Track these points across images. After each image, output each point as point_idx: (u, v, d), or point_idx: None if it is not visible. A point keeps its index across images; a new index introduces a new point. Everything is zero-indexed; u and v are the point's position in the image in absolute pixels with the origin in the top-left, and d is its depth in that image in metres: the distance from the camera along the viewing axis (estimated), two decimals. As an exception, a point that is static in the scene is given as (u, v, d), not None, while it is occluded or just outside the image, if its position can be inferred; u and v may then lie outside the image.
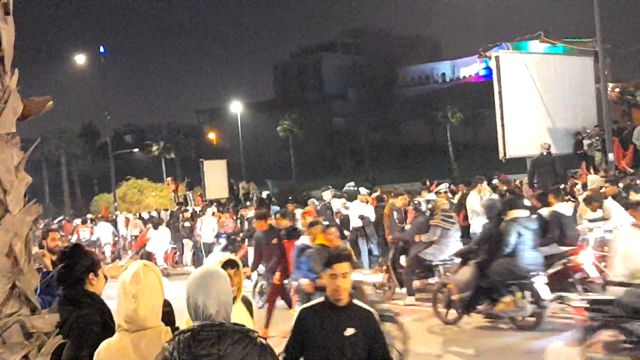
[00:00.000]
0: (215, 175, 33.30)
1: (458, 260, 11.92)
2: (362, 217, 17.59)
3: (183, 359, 3.25)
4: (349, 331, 4.72)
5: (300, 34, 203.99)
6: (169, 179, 40.64)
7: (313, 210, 15.84)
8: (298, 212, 17.17)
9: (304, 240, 10.69)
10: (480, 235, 11.69)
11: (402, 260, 13.64)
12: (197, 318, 3.43)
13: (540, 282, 10.21)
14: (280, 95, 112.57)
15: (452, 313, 11.35)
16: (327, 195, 19.79)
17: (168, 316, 4.23)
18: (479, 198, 13.87)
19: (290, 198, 26.68)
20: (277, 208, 21.59)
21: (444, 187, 16.13)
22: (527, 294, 10.27)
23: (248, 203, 27.76)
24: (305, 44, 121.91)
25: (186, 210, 29.83)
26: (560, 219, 11.69)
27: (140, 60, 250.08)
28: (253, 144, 75.61)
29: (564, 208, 12.06)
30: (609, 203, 12.56)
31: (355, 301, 4.93)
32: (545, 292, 10.11)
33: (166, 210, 32.02)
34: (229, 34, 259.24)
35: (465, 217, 14.15)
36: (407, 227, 14.29)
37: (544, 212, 12.09)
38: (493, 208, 11.37)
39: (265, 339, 3.42)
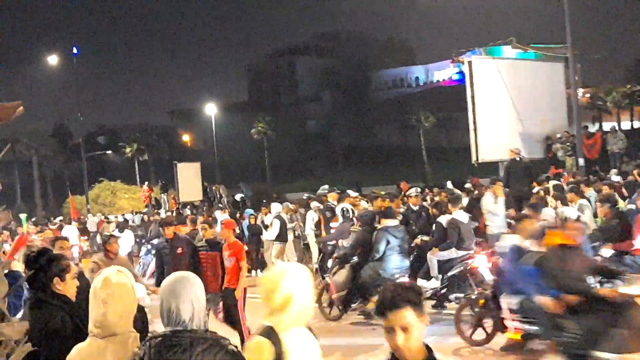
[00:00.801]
0: (189, 178, 33.09)
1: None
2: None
3: None
4: None
5: (275, 36, 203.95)
6: (145, 186, 40.43)
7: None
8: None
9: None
10: (354, 241, 12.50)
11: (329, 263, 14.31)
12: (169, 324, 3.41)
13: None
14: (254, 97, 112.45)
15: (335, 310, 12.39)
16: (332, 196, 18.82)
17: (141, 322, 4.23)
18: (494, 199, 13.76)
19: (264, 201, 26.65)
20: (250, 211, 21.54)
21: (414, 191, 16.10)
22: None
23: (220, 205, 27.66)
24: (280, 46, 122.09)
25: (158, 213, 29.69)
26: (458, 226, 12.41)
27: (114, 61, 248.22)
28: (227, 146, 75.31)
29: (462, 215, 12.78)
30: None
31: None
32: None
33: (137, 212, 31.85)
34: (203, 35, 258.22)
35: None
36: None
37: (443, 219, 12.87)
38: (365, 217, 12.53)
39: (236, 346, 3.39)
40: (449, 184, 22.42)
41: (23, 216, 23.17)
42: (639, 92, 64.41)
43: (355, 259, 12.11)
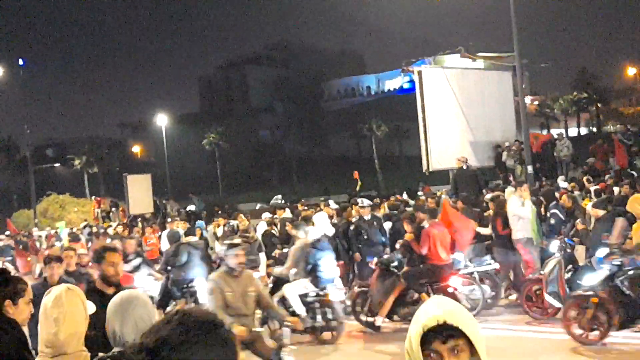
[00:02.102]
0: (140, 190, 32.67)
1: None
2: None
3: None
4: None
5: (226, 47, 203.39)
6: (94, 200, 39.84)
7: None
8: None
9: None
10: (165, 257, 13.72)
11: None
12: (115, 344, 3.36)
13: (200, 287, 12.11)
14: (206, 108, 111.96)
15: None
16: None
17: (96, 340, 4.10)
18: (520, 202, 13.37)
19: (219, 212, 26.41)
20: (202, 223, 21.27)
21: (366, 202, 16.02)
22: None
23: (169, 219, 27.32)
24: (231, 57, 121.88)
25: (110, 226, 29.21)
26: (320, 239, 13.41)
27: (62, 73, 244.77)
28: (179, 157, 74.70)
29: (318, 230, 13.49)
30: None
31: None
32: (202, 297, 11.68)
33: (85, 226, 31.29)
34: (154, 46, 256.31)
35: (504, 225, 13.27)
36: None
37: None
38: (173, 237, 14.36)
39: None
40: (405, 195, 22.48)
41: None
42: (585, 99, 65.92)
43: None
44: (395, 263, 11.96)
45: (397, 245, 12.61)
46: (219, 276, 7.60)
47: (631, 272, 9.30)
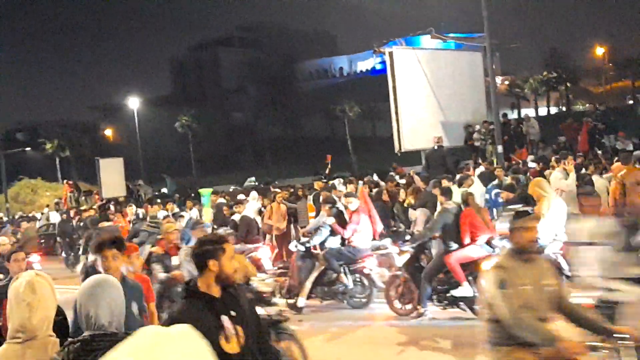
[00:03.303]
0: (112, 174, 32.48)
1: None
2: None
3: None
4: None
5: (197, 28, 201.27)
6: (65, 184, 39.53)
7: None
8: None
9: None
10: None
11: None
12: (88, 328, 3.40)
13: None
14: (178, 90, 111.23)
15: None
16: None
17: (61, 325, 4.16)
18: (564, 175, 13.01)
19: (192, 195, 26.41)
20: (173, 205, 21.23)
21: (337, 181, 16.19)
22: None
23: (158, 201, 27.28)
24: (203, 38, 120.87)
25: (84, 210, 29.09)
26: (248, 222, 14.54)
27: (31, 56, 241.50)
28: (151, 140, 74.25)
29: (250, 212, 14.89)
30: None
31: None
32: None
33: (57, 210, 31.15)
34: (125, 28, 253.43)
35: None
36: None
37: (237, 217, 14.91)
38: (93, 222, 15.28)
39: None
40: (375, 176, 22.62)
41: None
42: (554, 79, 66.57)
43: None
44: (313, 244, 12.42)
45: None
46: (506, 259, 5.02)
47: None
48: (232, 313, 4.17)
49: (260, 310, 6.75)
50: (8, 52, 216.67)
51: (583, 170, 15.58)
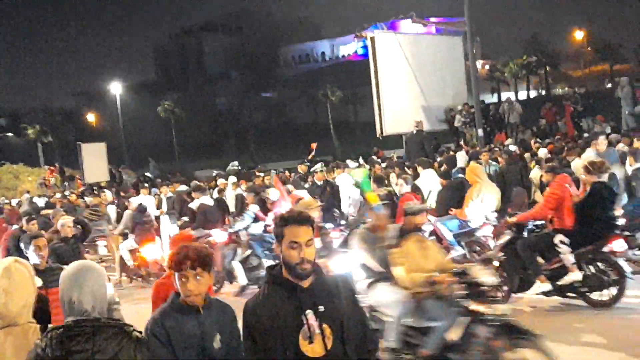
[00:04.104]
0: (94, 159, 32.53)
1: None
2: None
3: (56, 355, 3.21)
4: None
5: (181, 14, 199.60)
6: (48, 169, 39.44)
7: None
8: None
9: None
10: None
11: None
12: (71, 314, 3.41)
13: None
14: (161, 76, 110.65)
15: None
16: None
17: (42, 312, 4.17)
18: (595, 153, 12.38)
19: (175, 179, 26.43)
20: (157, 191, 21.28)
21: (319, 166, 16.32)
22: None
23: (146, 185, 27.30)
24: (186, 24, 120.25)
25: (65, 196, 29.10)
26: (206, 210, 14.41)
27: (14, 42, 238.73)
28: (134, 125, 73.91)
29: (208, 200, 14.91)
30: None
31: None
32: None
33: (40, 196, 31.08)
34: (108, 14, 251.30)
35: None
36: None
37: (195, 204, 14.95)
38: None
39: (141, 332, 3.45)
40: (361, 160, 22.69)
41: None
42: (534, 62, 66.90)
43: None
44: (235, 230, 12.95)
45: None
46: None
47: None
48: (321, 308, 3.57)
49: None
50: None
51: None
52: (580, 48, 70.46)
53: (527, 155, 17.43)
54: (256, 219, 12.85)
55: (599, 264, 8.93)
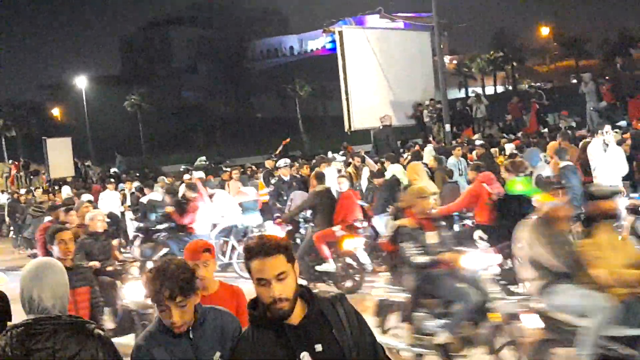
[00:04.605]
0: (60, 154, 32.16)
1: None
2: None
3: (16, 354, 3.15)
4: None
5: (148, 7, 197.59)
6: (11, 163, 38.87)
7: None
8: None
9: None
10: None
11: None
12: (31, 312, 3.35)
13: None
14: (128, 69, 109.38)
15: None
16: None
17: (4, 312, 4.13)
18: (603, 146, 11.80)
19: (137, 175, 26.21)
20: (124, 186, 21.05)
21: (283, 162, 16.29)
22: None
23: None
24: (153, 17, 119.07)
25: (30, 191, 28.72)
26: (154, 205, 14.73)
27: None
28: (100, 119, 73.08)
29: (156, 195, 15.25)
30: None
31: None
32: None
33: (3, 191, 30.64)
34: (73, 5, 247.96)
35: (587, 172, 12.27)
36: None
37: (145, 199, 15.16)
38: None
39: (103, 330, 3.40)
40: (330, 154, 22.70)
41: None
42: (501, 58, 67.49)
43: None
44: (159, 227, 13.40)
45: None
46: None
47: None
48: (318, 347, 3.01)
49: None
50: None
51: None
52: (547, 43, 71.06)
53: (493, 150, 17.60)
54: (170, 218, 13.07)
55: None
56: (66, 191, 20.98)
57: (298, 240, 12.10)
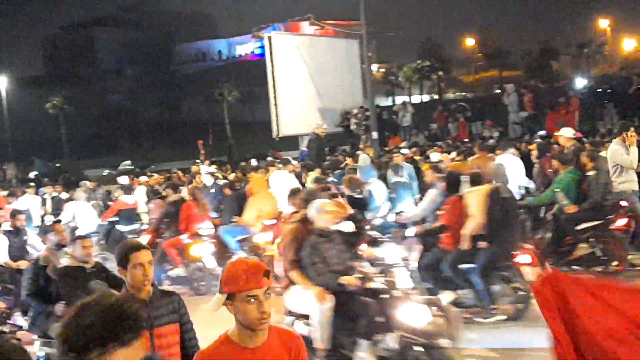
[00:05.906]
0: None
1: None
2: None
3: None
4: None
5: (72, 6, 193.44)
6: None
7: None
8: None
9: None
10: None
11: None
12: None
13: None
14: (51, 70, 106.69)
15: None
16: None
17: None
18: (624, 149, 10.79)
19: (56, 181, 25.49)
20: (43, 189, 20.42)
21: (204, 169, 16.40)
22: None
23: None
24: (78, 17, 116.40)
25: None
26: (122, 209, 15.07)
27: None
28: (21, 121, 71.03)
29: (129, 199, 15.37)
30: None
31: None
32: None
33: None
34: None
35: None
36: None
37: (69, 203, 15.20)
38: None
39: (19, 339, 3.34)
40: (254, 162, 22.62)
41: None
42: (428, 67, 68.69)
43: None
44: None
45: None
46: None
47: None
48: None
49: None
50: None
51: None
52: (471, 54, 72.72)
53: (418, 158, 17.85)
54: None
55: None
56: None
57: None
